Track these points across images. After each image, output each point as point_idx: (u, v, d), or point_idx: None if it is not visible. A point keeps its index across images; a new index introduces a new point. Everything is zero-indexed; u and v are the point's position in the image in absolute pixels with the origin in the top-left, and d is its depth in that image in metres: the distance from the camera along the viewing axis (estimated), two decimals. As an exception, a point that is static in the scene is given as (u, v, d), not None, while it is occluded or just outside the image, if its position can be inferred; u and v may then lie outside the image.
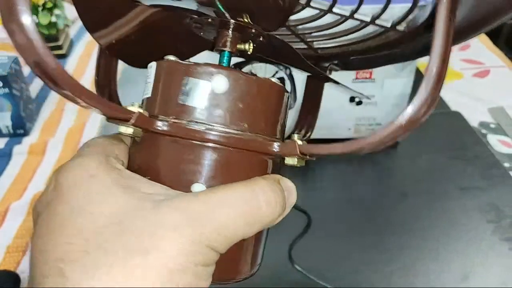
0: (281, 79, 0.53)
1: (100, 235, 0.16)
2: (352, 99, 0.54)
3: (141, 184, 0.18)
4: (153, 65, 0.22)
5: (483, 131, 0.61)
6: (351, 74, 0.51)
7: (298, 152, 0.20)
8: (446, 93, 0.68)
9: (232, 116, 0.20)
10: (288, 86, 0.53)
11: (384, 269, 0.43)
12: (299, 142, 0.20)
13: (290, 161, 0.21)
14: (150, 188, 0.18)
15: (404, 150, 0.58)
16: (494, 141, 0.59)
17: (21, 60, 0.65)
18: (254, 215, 0.18)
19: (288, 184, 0.20)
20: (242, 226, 0.17)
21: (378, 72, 0.51)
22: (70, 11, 0.89)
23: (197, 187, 0.19)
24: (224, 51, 0.24)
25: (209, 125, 0.20)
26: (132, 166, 0.21)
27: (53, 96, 0.71)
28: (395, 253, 0.45)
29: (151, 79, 0.22)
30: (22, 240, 0.48)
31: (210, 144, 0.20)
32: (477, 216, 0.48)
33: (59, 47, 0.81)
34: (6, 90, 0.58)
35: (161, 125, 0.20)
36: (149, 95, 0.21)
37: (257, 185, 0.18)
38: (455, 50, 0.79)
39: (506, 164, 0.55)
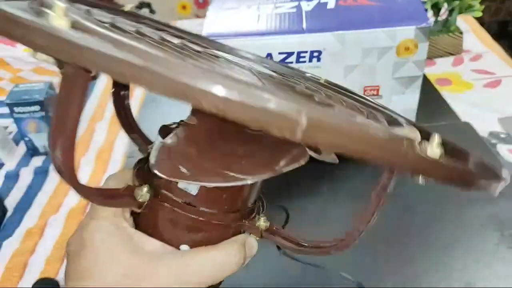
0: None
1: (117, 283, 0.23)
2: (361, 115, 0.57)
3: (144, 243, 0.25)
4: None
5: (493, 141, 0.62)
6: (359, 92, 0.54)
7: (260, 236, 0.28)
8: (456, 104, 0.70)
9: (213, 203, 0.26)
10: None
11: (387, 279, 0.46)
12: (262, 226, 0.28)
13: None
14: (150, 245, 0.25)
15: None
16: (504, 151, 0.60)
17: (55, 84, 0.71)
18: (222, 271, 0.25)
19: (252, 242, 0.28)
20: (211, 278, 0.25)
21: (385, 89, 0.54)
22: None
23: (184, 247, 0.26)
24: None
25: (196, 206, 0.26)
26: (137, 221, 0.27)
27: (85, 116, 0.77)
28: (399, 264, 0.47)
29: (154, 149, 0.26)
30: (60, 252, 0.53)
31: (201, 219, 0.26)
32: (482, 227, 0.50)
33: (89, 70, 0.87)
34: (43, 113, 0.64)
35: (166, 205, 0.26)
36: (152, 162, 0.26)
37: (226, 249, 0.26)
38: (466, 60, 0.81)
39: (515, 174, 0.56)
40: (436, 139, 0.18)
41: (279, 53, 0.52)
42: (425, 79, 0.77)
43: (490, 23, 1.77)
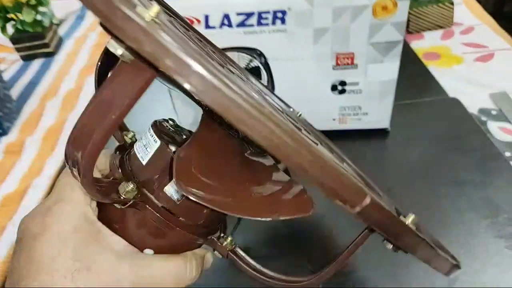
0: (257, 68, 0.49)
1: (76, 275, 0.22)
2: (334, 88, 0.50)
3: (109, 239, 0.24)
4: (156, 141, 0.25)
5: (483, 118, 0.56)
6: (331, 60, 0.48)
7: (226, 256, 0.28)
8: (444, 79, 0.63)
9: (192, 215, 0.26)
10: (264, 75, 0.50)
11: (370, 270, 0.40)
12: (229, 246, 0.28)
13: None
14: (115, 243, 0.25)
15: (393, 141, 0.54)
16: (495, 128, 0.54)
17: None
18: (179, 282, 0.26)
19: (208, 258, 0.29)
20: (171, 285, 0.25)
21: (361, 57, 0.47)
22: (58, 9, 0.88)
23: (148, 251, 0.26)
24: None
25: (174, 214, 0.25)
26: (103, 211, 0.26)
27: (36, 96, 0.70)
28: (380, 252, 0.41)
29: (150, 151, 0.26)
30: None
31: (175, 227, 0.26)
32: (471, 212, 0.44)
33: (46, 45, 0.80)
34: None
35: (142, 206, 0.25)
36: (143, 163, 0.26)
37: (187, 262, 0.26)
38: (457, 33, 0.74)
39: (507, 154, 0.50)
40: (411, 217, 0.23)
41: (238, 14, 0.45)
42: (412, 53, 0.71)
43: (485, 2, 1.70)
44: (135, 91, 0.18)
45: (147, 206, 0.25)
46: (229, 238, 0.28)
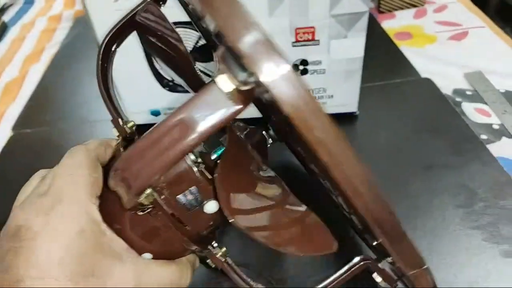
0: (206, 47, 0.44)
1: (77, 276, 0.22)
2: (294, 68, 0.45)
3: (112, 242, 0.24)
4: None
5: (458, 99, 0.52)
6: (290, 37, 0.43)
7: (220, 266, 0.27)
8: (416, 59, 0.59)
9: (198, 224, 0.26)
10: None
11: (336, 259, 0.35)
12: (223, 257, 0.27)
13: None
14: (117, 246, 0.24)
15: (363, 125, 0.49)
16: (470, 110, 0.50)
17: None
18: (176, 286, 0.26)
19: (197, 263, 0.29)
20: None
21: (322, 32, 0.42)
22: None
23: (147, 255, 0.26)
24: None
25: (182, 222, 0.25)
26: (103, 208, 0.24)
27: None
28: (346, 243, 0.37)
29: None
30: None
31: (180, 235, 0.26)
32: (444, 200, 0.40)
33: (-14, 31, 0.73)
34: None
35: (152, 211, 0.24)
36: None
37: (182, 268, 0.27)
38: (430, 12, 0.70)
39: (483, 136, 0.46)
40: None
41: (180, -17, 0.39)
42: (383, 34, 0.66)
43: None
44: (223, 121, 0.18)
45: (156, 212, 0.24)
46: (223, 249, 0.28)
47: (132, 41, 0.43)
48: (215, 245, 0.28)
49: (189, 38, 0.43)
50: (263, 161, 0.31)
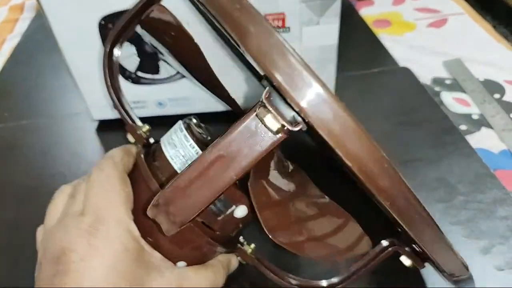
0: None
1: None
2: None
3: (150, 255, 0.25)
4: (199, 153, 0.25)
5: (437, 88, 0.50)
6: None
7: (250, 262, 0.28)
8: (395, 48, 0.57)
9: (227, 228, 0.27)
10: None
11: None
12: (253, 254, 0.28)
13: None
14: (154, 258, 0.25)
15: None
16: (449, 99, 0.48)
17: None
18: (211, 286, 0.27)
19: (234, 262, 0.30)
20: None
21: (293, 18, 0.40)
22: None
23: (181, 264, 0.26)
24: None
25: (212, 228, 0.26)
26: (139, 226, 0.24)
27: None
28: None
29: (186, 158, 0.25)
30: None
31: (211, 240, 0.26)
32: (423, 195, 0.38)
33: None
34: None
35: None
36: (177, 169, 0.25)
37: (216, 270, 0.27)
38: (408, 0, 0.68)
39: (462, 127, 0.45)
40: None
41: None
42: (360, 22, 0.64)
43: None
44: (265, 152, 0.18)
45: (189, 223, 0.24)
46: (252, 245, 0.28)
47: (91, 33, 0.40)
48: (243, 241, 0.29)
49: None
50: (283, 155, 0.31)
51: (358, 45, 0.58)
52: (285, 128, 0.18)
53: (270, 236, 0.22)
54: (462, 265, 0.22)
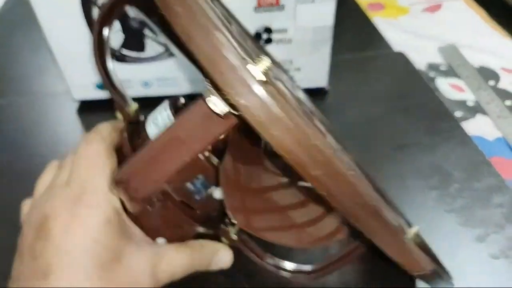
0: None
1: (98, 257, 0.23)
2: (257, 36, 0.41)
3: (131, 230, 0.25)
4: None
5: (432, 74, 0.49)
6: (252, 0, 0.38)
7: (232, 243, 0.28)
8: (389, 32, 0.56)
9: (209, 208, 0.27)
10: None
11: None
12: (232, 232, 0.27)
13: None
14: (136, 233, 0.25)
15: (333, 101, 0.46)
16: (445, 85, 0.47)
17: None
18: (190, 268, 0.26)
19: (222, 255, 0.28)
20: (177, 275, 0.26)
21: (287, -5, 0.38)
22: None
23: (160, 240, 0.27)
24: None
25: (193, 208, 0.26)
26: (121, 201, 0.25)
27: None
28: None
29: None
30: None
31: (191, 219, 0.27)
32: (417, 182, 0.37)
33: None
34: None
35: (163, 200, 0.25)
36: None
37: (194, 251, 0.27)
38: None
39: (458, 113, 0.44)
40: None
41: None
42: (354, 4, 0.62)
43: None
44: (214, 137, 0.19)
45: (165, 201, 0.24)
46: (237, 226, 0.27)
47: (73, 8, 0.37)
48: (228, 222, 0.28)
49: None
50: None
51: (352, 29, 0.56)
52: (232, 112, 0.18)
53: (229, 215, 0.22)
54: (421, 260, 0.20)
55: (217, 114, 0.18)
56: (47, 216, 0.23)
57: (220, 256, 0.28)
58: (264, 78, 0.15)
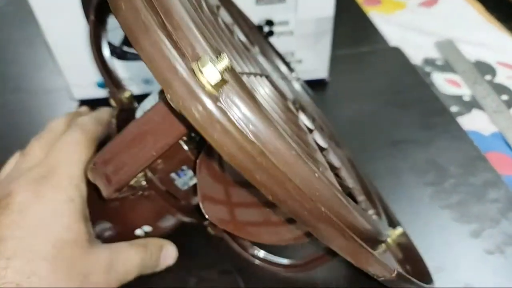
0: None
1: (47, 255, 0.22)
2: (259, 29, 0.40)
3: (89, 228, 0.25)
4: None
5: (428, 69, 0.49)
6: (248, -6, 0.38)
7: (216, 233, 0.29)
8: (385, 27, 0.55)
9: (191, 197, 0.27)
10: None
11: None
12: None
13: None
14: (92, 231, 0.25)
15: (329, 96, 0.46)
16: (441, 80, 0.47)
17: None
18: (142, 271, 0.26)
19: (167, 251, 0.28)
20: (130, 276, 0.26)
21: (285, -12, 0.37)
22: None
23: (146, 228, 0.27)
24: None
25: (176, 197, 0.26)
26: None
27: None
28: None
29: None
30: None
31: (172, 208, 0.26)
32: (412, 178, 0.37)
33: None
34: None
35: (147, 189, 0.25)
36: None
37: (147, 249, 0.27)
38: (400, -24, 0.66)
39: (454, 108, 0.44)
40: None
41: None
42: (351, -1, 0.62)
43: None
44: (178, 134, 0.19)
45: (149, 190, 0.24)
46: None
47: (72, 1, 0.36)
48: None
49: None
50: None
51: (348, 24, 0.56)
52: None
53: (200, 204, 0.22)
54: (380, 266, 0.19)
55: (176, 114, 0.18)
56: (11, 192, 0.23)
57: (166, 251, 0.28)
58: (207, 80, 0.14)
